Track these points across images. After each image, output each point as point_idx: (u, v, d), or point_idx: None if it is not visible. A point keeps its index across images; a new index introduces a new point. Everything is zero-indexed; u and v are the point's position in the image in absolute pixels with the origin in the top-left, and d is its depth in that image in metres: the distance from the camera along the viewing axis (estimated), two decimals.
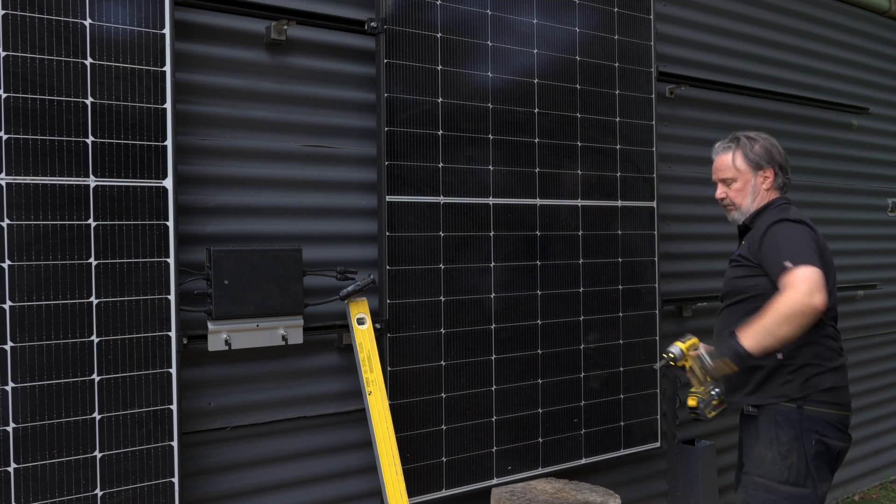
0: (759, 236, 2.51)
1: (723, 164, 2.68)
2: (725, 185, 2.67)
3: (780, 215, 2.56)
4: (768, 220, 2.56)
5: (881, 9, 4.93)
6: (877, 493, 4.79)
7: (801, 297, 2.25)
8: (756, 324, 2.31)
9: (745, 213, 2.66)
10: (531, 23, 3.09)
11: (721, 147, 2.71)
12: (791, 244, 2.42)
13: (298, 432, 2.67)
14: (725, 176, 2.67)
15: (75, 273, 2.15)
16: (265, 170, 2.62)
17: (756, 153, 2.65)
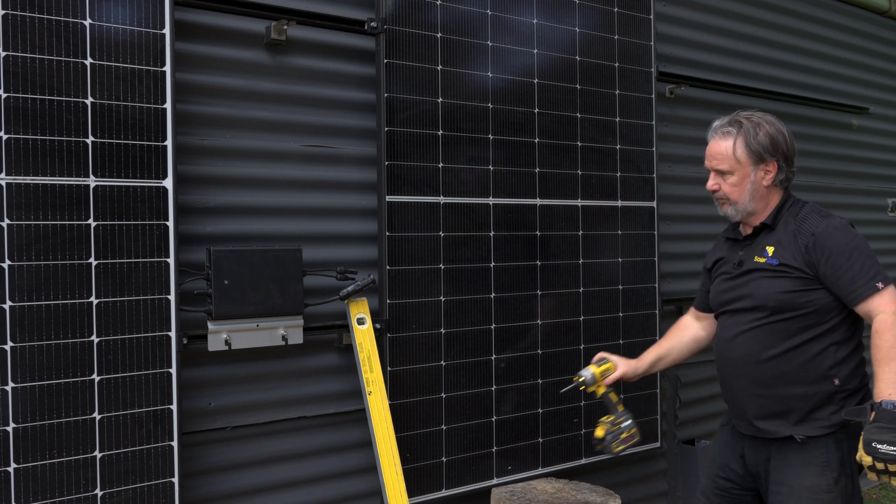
0: (811, 243, 2.20)
1: (720, 151, 2.33)
2: (720, 176, 2.35)
3: (822, 212, 2.29)
4: (814, 220, 2.25)
5: (881, 9, 4.93)
6: (877, 493, 4.79)
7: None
8: (893, 373, 2.05)
9: (741, 211, 2.34)
10: (531, 23, 3.09)
11: (719, 130, 2.35)
12: (868, 258, 2.18)
13: (298, 432, 2.67)
14: (721, 167, 2.33)
15: (75, 273, 2.15)
16: (265, 170, 2.62)
17: (760, 142, 2.28)
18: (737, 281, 2.35)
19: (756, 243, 2.35)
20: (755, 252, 2.33)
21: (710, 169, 2.38)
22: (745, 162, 2.30)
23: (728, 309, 2.38)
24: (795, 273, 2.23)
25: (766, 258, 2.29)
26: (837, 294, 2.19)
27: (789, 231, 2.28)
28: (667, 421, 3.72)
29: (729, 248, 2.47)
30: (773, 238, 2.30)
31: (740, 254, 2.38)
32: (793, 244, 2.25)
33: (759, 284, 2.28)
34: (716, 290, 2.45)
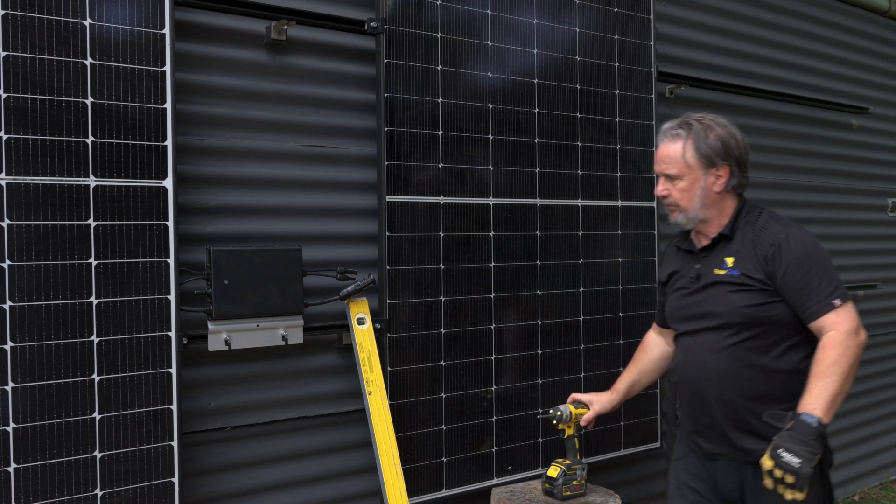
0: (771, 254, 2.10)
1: (668, 155, 2.19)
2: (669, 180, 2.21)
3: (781, 220, 2.19)
4: (773, 229, 2.14)
5: (881, 9, 4.93)
6: (877, 493, 4.79)
7: (861, 341, 2.02)
8: (826, 389, 1.97)
9: (692, 219, 2.22)
10: (531, 23, 3.09)
11: (669, 132, 2.22)
12: (828, 272, 2.07)
13: (298, 432, 2.67)
14: (670, 171, 2.19)
15: (75, 273, 2.15)
16: (265, 170, 2.62)
17: (710, 146, 2.17)
18: (696, 296, 2.22)
19: (714, 255, 2.22)
20: (714, 264, 2.20)
21: (660, 174, 2.25)
22: (694, 166, 2.18)
23: (691, 328, 2.24)
24: (757, 285, 2.11)
25: (727, 270, 2.16)
26: (793, 309, 2.09)
27: (747, 240, 2.16)
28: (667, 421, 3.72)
29: (683, 259, 2.34)
30: (731, 248, 2.19)
31: (697, 266, 2.25)
32: (752, 254, 2.14)
33: (721, 299, 2.15)
34: (673, 305, 2.32)
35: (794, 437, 1.96)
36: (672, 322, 2.35)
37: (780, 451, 1.94)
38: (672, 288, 2.36)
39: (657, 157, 2.26)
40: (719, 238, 2.22)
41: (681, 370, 2.30)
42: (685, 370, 2.27)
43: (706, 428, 2.25)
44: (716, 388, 2.18)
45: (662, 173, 2.23)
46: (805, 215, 4.45)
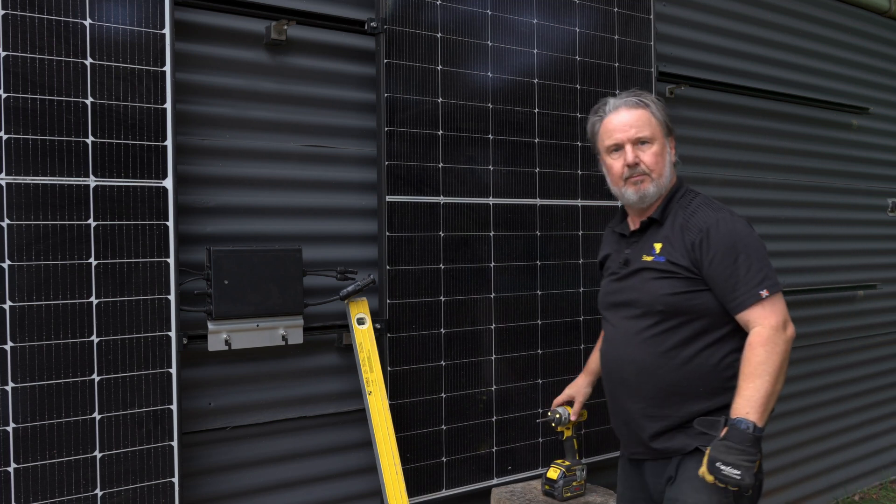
0: (698, 240, 2.00)
1: (638, 118, 2.10)
2: (639, 146, 2.10)
3: (713, 205, 2.08)
4: (703, 214, 2.04)
5: (881, 9, 4.93)
6: (877, 493, 4.79)
7: (788, 336, 1.96)
8: (757, 391, 1.88)
9: (660, 190, 2.10)
10: (531, 23, 3.09)
11: (625, 102, 2.14)
12: (758, 260, 1.96)
13: (298, 432, 2.67)
14: (642, 134, 2.09)
15: (75, 273, 2.15)
16: (265, 170, 2.62)
17: (666, 114, 2.14)
18: (623, 283, 2.15)
19: (644, 240, 2.15)
20: (643, 249, 2.13)
21: (625, 142, 2.11)
22: (660, 131, 2.12)
23: (614, 317, 2.17)
24: (682, 273, 2.02)
25: (654, 256, 2.08)
26: (719, 299, 2.00)
27: (677, 225, 2.07)
28: None
29: (616, 243, 2.28)
30: (661, 234, 2.09)
31: (627, 252, 2.19)
32: (679, 240, 2.04)
33: (646, 286, 2.06)
34: (603, 291, 2.25)
35: (731, 447, 1.85)
36: (600, 308, 2.27)
37: (719, 465, 1.84)
38: (604, 272, 2.30)
39: (620, 124, 2.12)
40: (649, 222, 2.14)
41: (603, 361, 2.22)
42: (606, 362, 2.20)
43: (623, 425, 2.17)
44: (632, 381, 2.08)
45: (632, 139, 2.10)
46: (805, 215, 4.45)
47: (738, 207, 4.07)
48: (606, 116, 2.17)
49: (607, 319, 2.23)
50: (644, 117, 2.11)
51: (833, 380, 4.63)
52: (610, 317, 2.21)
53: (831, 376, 4.62)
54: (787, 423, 4.34)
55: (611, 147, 2.15)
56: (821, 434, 4.54)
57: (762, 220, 4.21)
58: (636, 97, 2.15)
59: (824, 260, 4.56)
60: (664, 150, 2.12)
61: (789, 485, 4.36)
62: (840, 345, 4.68)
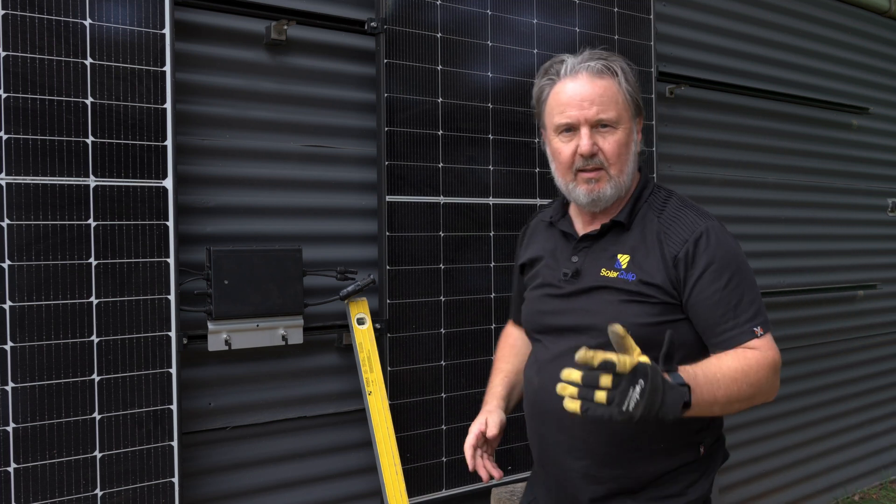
0: (685, 252, 1.56)
1: (601, 93, 1.59)
2: (599, 130, 1.60)
3: (696, 208, 1.64)
4: (689, 220, 1.60)
5: (881, 9, 4.93)
6: (877, 493, 4.79)
7: (776, 385, 1.55)
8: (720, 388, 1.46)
9: (619, 191, 1.63)
10: (531, 23, 3.09)
11: (587, 67, 1.60)
12: (753, 286, 1.57)
13: (298, 432, 2.67)
14: (606, 115, 1.59)
15: (75, 273, 2.15)
16: (265, 170, 2.62)
17: (636, 87, 1.64)
18: (570, 301, 1.65)
19: (601, 247, 1.66)
20: (601, 261, 1.64)
21: (582, 122, 1.60)
22: (628, 112, 1.62)
23: (555, 346, 1.65)
24: (657, 296, 1.56)
25: (619, 272, 1.60)
26: (700, 327, 1.57)
27: (650, 232, 1.62)
28: None
29: (553, 244, 1.75)
30: (626, 242, 1.63)
31: (575, 259, 1.68)
32: (655, 252, 1.59)
33: (607, 311, 1.57)
34: (533, 308, 1.73)
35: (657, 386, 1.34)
36: (528, 326, 1.77)
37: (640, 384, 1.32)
38: (533, 280, 1.76)
39: (575, 96, 1.60)
40: (611, 225, 1.66)
41: (533, 400, 1.70)
42: (539, 400, 1.67)
43: (555, 485, 1.71)
44: (576, 432, 1.61)
45: (591, 120, 1.59)
46: (805, 215, 4.45)
47: (738, 207, 4.08)
48: (560, 81, 1.63)
49: (542, 343, 1.71)
50: (610, 91, 1.59)
51: (833, 380, 4.63)
52: (548, 343, 1.69)
53: (831, 376, 4.62)
54: (787, 423, 4.34)
55: (561, 126, 1.63)
56: (821, 434, 4.54)
57: (762, 220, 4.21)
58: (602, 60, 1.62)
59: (824, 260, 4.56)
60: (630, 138, 1.63)
61: (789, 485, 4.36)
62: (840, 345, 4.68)
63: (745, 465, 4.12)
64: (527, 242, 1.85)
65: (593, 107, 1.58)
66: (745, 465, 4.13)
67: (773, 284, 4.25)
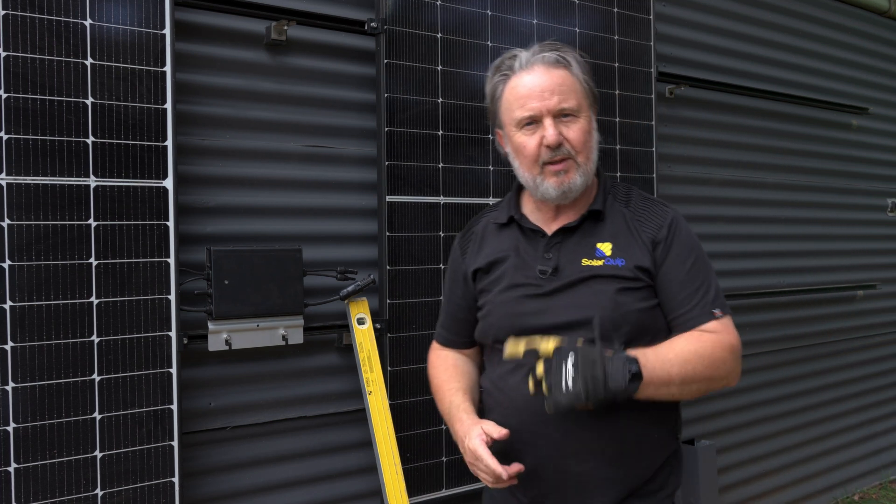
0: (663, 236, 1.58)
1: (561, 82, 1.58)
2: (562, 120, 1.58)
3: (658, 200, 1.69)
4: (659, 208, 1.63)
5: (881, 9, 4.93)
6: (877, 493, 4.80)
7: (736, 371, 1.52)
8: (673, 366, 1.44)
9: (587, 180, 1.61)
10: (531, 23, 3.10)
11: (542, 58, 1.61)
12: (712, 275, 1.58)
13: (298, 432, 2.67)
14: (567, 104, 1.57)
15: (75, 273, 2.15)
16: (265, 170, 2.62)
17: (590, 77, 1.64)
18: (554, 299, 1.58)
19: (575, 240, 1.62)
20: (580, 253, 1.60)
21: (544, 113, 1.57)
22: (587, 101, 1.62)
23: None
24: (645, 280, 1.56)
25: (605, 259, 1.57)
26: (664, 304, 1.57)
27: (623, 220, 1.62)
28: None
29: (517, 242, 1.69)
30: (603, 231, 1.61)
31: (550, 256, 1.63)
32: (636, 238, 1.59)
33: (603, 300, 1.53)
34: (508, 311, 1.63)
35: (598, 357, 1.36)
36: (497, 336, 1.64)
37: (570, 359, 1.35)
38: (496, 284, 1.67)
39: (534, 88, 1.58)
40: (587, 215, 1.63)
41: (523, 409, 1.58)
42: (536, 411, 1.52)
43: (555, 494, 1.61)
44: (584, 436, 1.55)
45: (553, 110, 1.57)
46: (805, 215, 4.45)
47: (738, 207, 4.08)
48: (515, 75, 1.64)
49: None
50: (568, 80, 1.59)
51: (833, 380, 4.63)
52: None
53: (831, 376, 4.62)
54: (787, 423, 4.34)
55: (523, 119, 1.60)
56: (821, 434, 4.54)
57: (762, 220, 4.21)
58: (555, 51, 1.62)
59: (824, 260, 4.56)
60: (592, 125, 1.62)
61: (789, 485, 4.36)
62: (840, 345, 4.68)
63: (745, 465, 4.13)
64: (476, 248, 1.75)
65: (554, 96, 1.57)
66: (745, 465, 4.13)
67: (773, 284, 4.25)
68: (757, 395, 4.18)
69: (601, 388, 1.34)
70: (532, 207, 1.71)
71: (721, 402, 4.02)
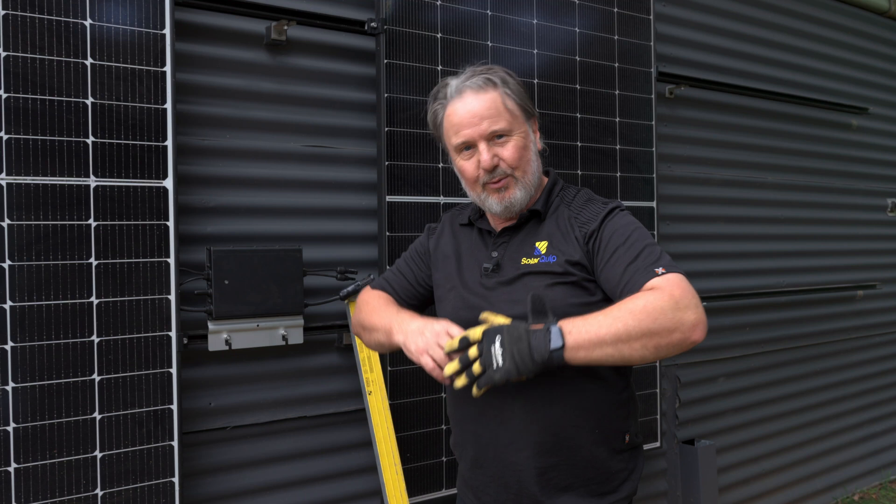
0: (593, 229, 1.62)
1: (487, 106, 1.65)
2: (495, 141, 1.66)
3: (604, 199, 1.72)
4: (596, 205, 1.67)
5: (881, 9, 4.93)
6: (876, 493, 4.80)
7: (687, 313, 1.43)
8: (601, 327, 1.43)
9: (529, 190, 1.69)
10: (531, 23, 3.10)
11: (469, 84, 1.68)
12: (652, 244, 1.58)
13: (298, 432, 2.67)
14: (497, 127, 1.65)
15: (75, 273, 2.15)
16: (265, 170, 2.62)
17: (521, 92, 1.73)
18: (493, 294, 1.67)
19: (518, 239, 1.71)
20: (521, 251, 1.69)
21: (477, 139, 1.66)
22: (519, 116, 1.69)
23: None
24: (579, 274, 1.61)
25: (539, 257, 1.65)
26: (609, 290, 1.58)
27: (563, 219, 1.69)
28: (666, 421, 3.73)
29: (472, 242, 1.81)
30: (542, 231, 1.69)
31: (495, 255, 1.72)
32: (570, 235, 1.65)
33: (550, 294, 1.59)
34: (457, 305, 1.74)
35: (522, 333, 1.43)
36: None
37: (497, 340, 1.42)
38: (447, 282, 1.79)
39: (465, 115, 1.66)
40: (529, 216, 1.72)
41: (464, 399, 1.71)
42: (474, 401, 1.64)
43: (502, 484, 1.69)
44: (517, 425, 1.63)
45: (484, 134, 1.65)
46: (805, 215, 4.45)
47: (738, 207, 4.08)
48: (449, 104, 1.70)
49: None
50: (496, 103, 1.66)
51: (833, 380, 4.64)
52: None
53: (831, 376, 4.62)
54: (786, 423, 4.35)
55: (460, 146, 1.68)
56: (820, 434, 4.55)
57: (762, 220, 4.21)
58: (482, 75, 1.71)
59: (824, 260, 4.56)
60: (527, 140, 1.69)
61: (789, 485, 4.36)
62: (840, 345, 4.68)
63: (744, 465, 4.13)
64: (437, 239, 1.89)
65: (483, 121, 1.65)
66: (745, 465, 4.13)
67: (773, 284, 4.25)
68: (757, 395, 4.18)
69: (528, 359, 1.41)
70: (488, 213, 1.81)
71: (721, 402, 4.02)
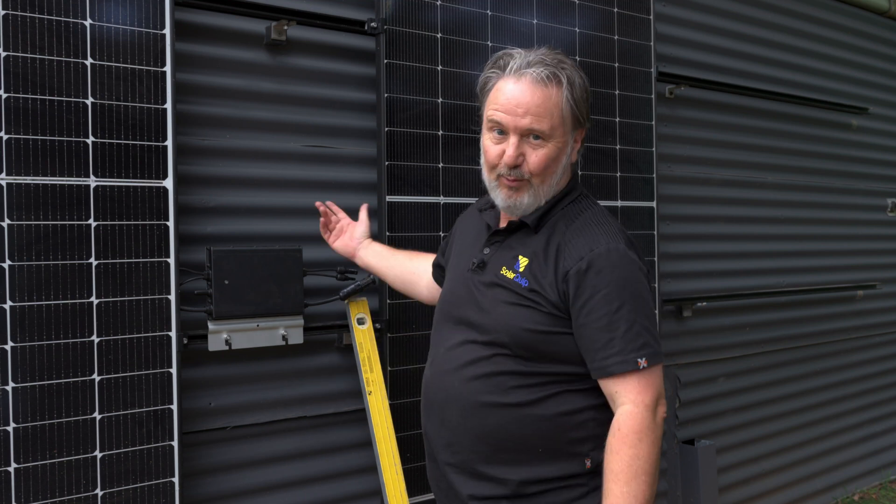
0: (576, 270, 1.53)
1: (542, 102, 1.56)
2: (528, 140, 1.58)
3: (606, 225, 1.60)
4: (590, 236, 1.56)
5: (881, 9, 4.93)
6: (876, 493, 4.80)
7: (660, 420, 1.53)
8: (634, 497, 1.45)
9: (538, 201, 1.63)
10: (531, 23, 3.10)
11: (533, 72, 1.57)
12: (645, 317, 1.51)
13: (298, 432, 2.67)
14: (537, 127, 1.56)
15: (75, 273, 2.15)
16: (265, 170, 2.62)
17: (582, 98, 1.62)
18: (471, 292, 1.66)
19: (509, 244, 1.67)
20: (505, 258, 1.65)
21: (511, 129, 1.57)
22: (567, 124, 1.59)
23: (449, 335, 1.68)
24: (545, 306, 1.55)
25: (516, 274, 1.60)
26: (581, 349, 1.54)
27: (554, 242, 1.60)
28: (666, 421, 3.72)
29: (475, 232, 1.79)
30: (530, 245, 1.62)
31: (486, 252, 1.70)
32: (551, 263, 1.57)
33: (496, 310, 1.59)
34: (446, 287, 1.78)
35: None
36: (435, 316, 1.78)
37: None
38: (453, 262, 1.81)
39: (511, 99, 1.56)
40: (519, 225, 1.66)
41: (423, 393, 1.74)
42: (427, 395, 1.71)
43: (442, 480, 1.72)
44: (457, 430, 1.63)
45: (521, 129, 1.56)
46: (805, 215, 4.45)
47: (738, 207, 4.08)
48: (504, 77, 1.60)
49: (439, 333, 1.72)
50: (550, 103, 1.56)
51: (833, 380, 4.64)
52: (445, 333, 1.70)
53: (831, 376, 4.62)
54: (786, 423, 4.35)
55: (493, 123, 1.60)
56: (820, 434, 4.55)
57: (762, 220, 4.21)
58: (551, 68, 1.59)
59: (824, 260, 4.56)
60: (562, 150, 1.60)
61: (789, 485, 4.36)
62: (840, 345, 4.68)
63: (744, 465, 4.13)
64: (461, 221, 1.95)
65: (527, 116, 1.56)
66: (744, 465, 4.13)
67: (773, 284, 4.25)
68: (757, 395, 4.18)
69: None
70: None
71: (721, 402, 4.02)
